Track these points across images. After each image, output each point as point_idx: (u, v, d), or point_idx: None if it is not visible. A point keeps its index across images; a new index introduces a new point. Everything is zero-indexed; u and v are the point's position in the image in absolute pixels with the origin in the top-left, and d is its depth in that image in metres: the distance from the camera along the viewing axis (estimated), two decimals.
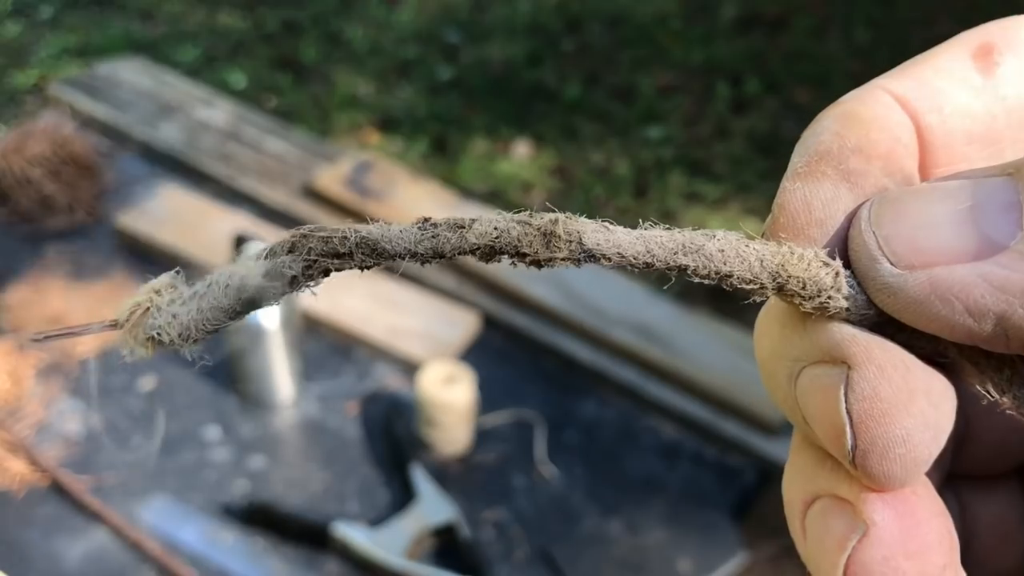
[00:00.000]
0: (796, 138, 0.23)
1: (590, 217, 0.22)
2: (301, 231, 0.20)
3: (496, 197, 2.36)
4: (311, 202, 1.45)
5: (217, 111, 1.66)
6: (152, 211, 1.38)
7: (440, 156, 2.54)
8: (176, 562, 0.96)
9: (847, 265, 0.21)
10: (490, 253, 0.21)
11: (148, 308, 0.21)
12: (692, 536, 1.07)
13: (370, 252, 0.20)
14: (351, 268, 0.21)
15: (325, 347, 1.23)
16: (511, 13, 3.18)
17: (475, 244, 0.20)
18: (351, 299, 1.27)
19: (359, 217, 1.41)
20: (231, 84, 2.72)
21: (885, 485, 0.20)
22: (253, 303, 0.20)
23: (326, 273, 0.21)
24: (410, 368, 1.19)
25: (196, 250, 1.31)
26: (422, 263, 0.21)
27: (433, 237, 0.21)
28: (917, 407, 0.19)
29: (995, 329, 0.19)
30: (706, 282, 0.21)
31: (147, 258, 1.33)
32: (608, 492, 1.11)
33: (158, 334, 0.20)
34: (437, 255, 0.21)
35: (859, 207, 0.21)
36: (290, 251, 0.20)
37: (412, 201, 1.43)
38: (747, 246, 0.21)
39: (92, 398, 1.13)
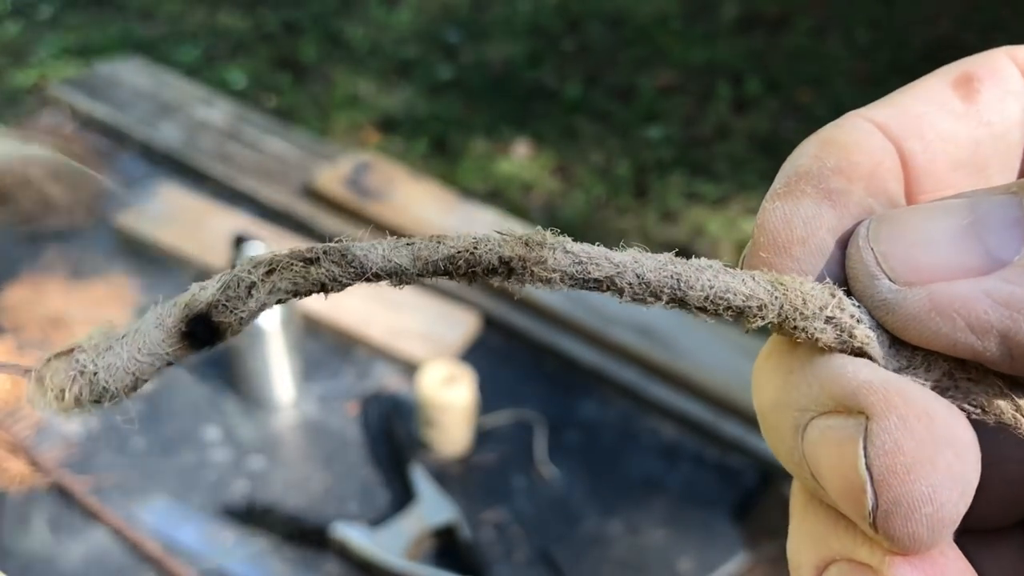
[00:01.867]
0: (797, 138, 0.23)
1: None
2: (269, 257, 0.19)
3: (496, 197, 2.36)
4: (311, 202, 1.45)
5: (217, 111, 1.66)
6: (152, 211, 1.38)
7: (440, 156, 2.53)
8: (176, 562, 0.95)
9: (846, 289, 0.20)
10: (471, 263, 0.19)
11: (72, 349, 0.17)
12: (692, 536, 1.07)
13: (340, 259, 0.18)
14: (320, 280, 0.18)
15: (325, 347, 1.23)
16: (511, 13, 3.18)
17: (454, 249, 0.19)
18: (351, 299, 1.27)
19: (358, 217, 1.41)
20: (231, 84, 2.72)
21: (910, 549, 0.18)
22: (204, 322, 0.17)
23: (294, 287, 0.18)
24: (410, 368, 1.19)
25: (196, 250, 1.31)
26: (398, 281, 0.19)
27: (408, 245, 0.19)
28: (943, 460, 0.17)
29: (999, 348, 0.18)
30: (702, 311, 0.19)
31: (146, 258, 1.33)
32: (608, 492, 1.10)
33: (82, 368, 0.17)
34: (414, 263, 0.19)
35: (856, 225, 0.20)
36: (253, 264, 0.18)
37: (412, 201, 1.43)
38: (732, 268, 0.20)
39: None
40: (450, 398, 1.06)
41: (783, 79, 2.86)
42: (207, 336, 0.17)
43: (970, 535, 0.24)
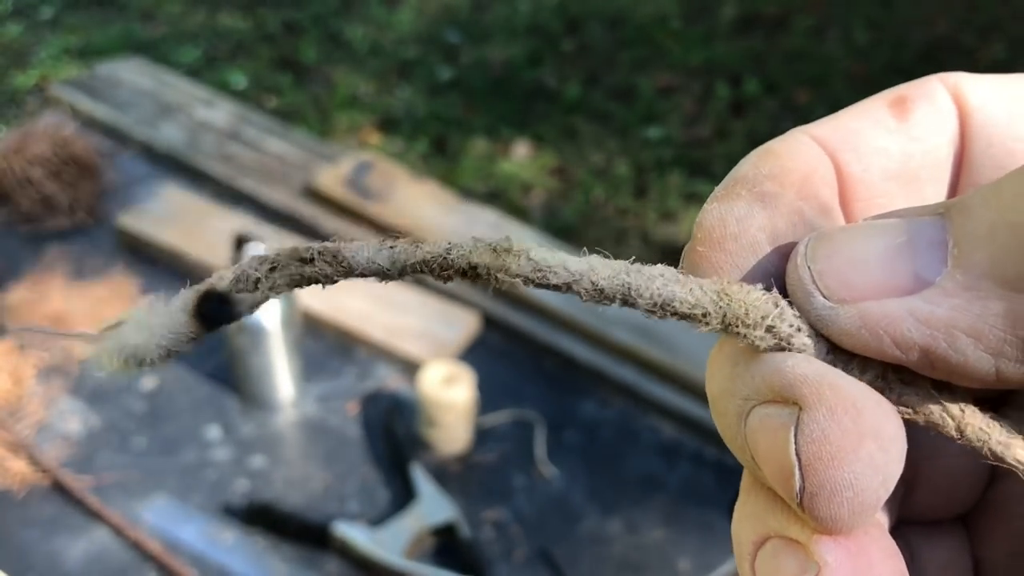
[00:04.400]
0: None
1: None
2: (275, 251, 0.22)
3: (496, 197, 2.37)
4: (311, 202, 1.46)
5: (217, 111, 1.66)
6: (153, 211, 1.39)
7: (440, 156, 2.54)
8: (176, 562, 0.96)
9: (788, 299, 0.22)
10: (444, 266, 0.21)
11: (121, 322, 0.21)
12: (692, 535, 1.07)
13: (331, 259, 0.21)
14: (315, 276, 0.22)
15: (325, 347, 1.23)
16: (511, 13, 3.18)
17: (429, 254, 0.21)
18: (351, 299, 1.27)
19: (359, 217, 1.42)
20: (232, 84, 2.72)
21: (832, 529, 0.20)
22: (219, 305, 0.21)
23: (292, 282, 0.21)
24: (410, 368, 1.19)
25: (196, 250, 1.32)
26: (381, 278, 0.22)
27: (391, 248, 0.22)
28: (866, 451, 0.19)
29: (922, 360, 0.20)
30: (651, 314, 0.22)
31: (147, 258, 1.33)
32: (608, 492, 1.11)
33: (124, 344, 0.21)
34: (394, 264, 0.22)
35: (797, 244, 0.22)
36: (259, 262, 0.21)
37: (412, 201, 1.44)
38: (685, 275, 0.22)
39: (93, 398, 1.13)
40: (450, 397, 1.07)
41: (782, 80, 2.87)
42: (222, 317, 0.21)
43: (912, 526, 0.26)
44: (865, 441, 0.19)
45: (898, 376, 0.21)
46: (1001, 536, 0.26)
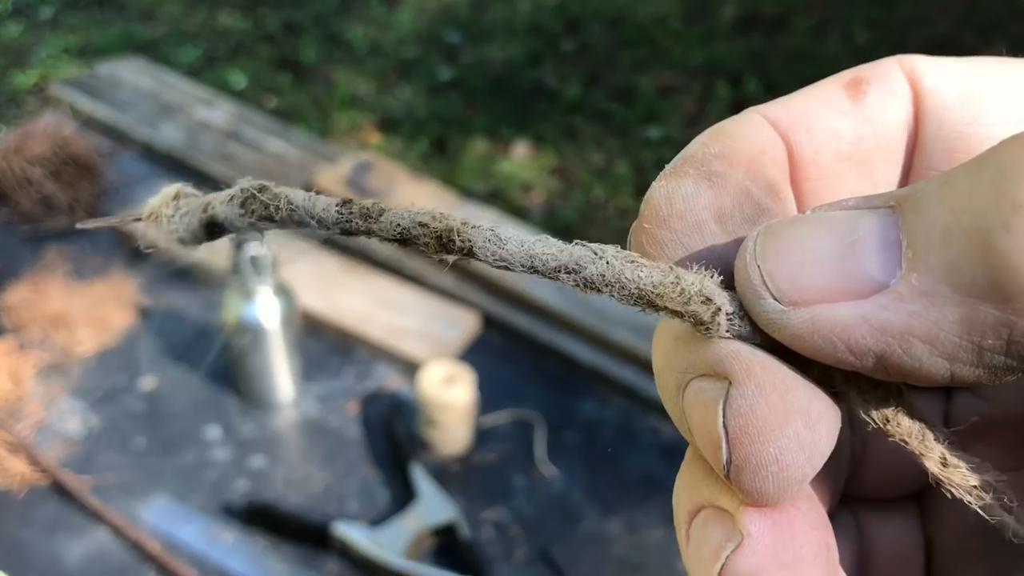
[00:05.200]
0: None
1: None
2: (253, 188, 0.25)
3: (496, 197, 2.36)
4: None
5: (217, 111, 1.66)
6: None
7: (440, 156, 2.54)
8: (176, 562, 0.96)
9: (733, 287, 0.21)
10: (399, 239, 0.23)
11: (159, 216, 0.26)
12: None
13: (298, 221, 0.24)
14: (282, 227, 0.24)
15: (325, 347, 1.23)
16: (511, 13, 3.18)
17: (379, 235, 0.23)
18: (351, 299, 1.27)
19: None
20: (231, 84, 2.72)
21: (758, 501, 0.20)
22: (220, 225, 0.26)
23: (265, 220, 0.25)
24: (410, 368, 1.19)
25: (196, 250, 1.31)
26: (345, 235, 0.24)
27: (347, 221, 0.23)
28: (792, 428, 0.19)
29: (876, 365, 0.19)
30: (590, 293, 0.22)
31: (147, 258, 1.33)
32: (608, 492, 1.11)
33: (166, 227, 0.26)
34: (347, 234, 0.23)
35: (746, 239, 0.21)
36: (241, 204, 0.25)
37: (412, 201, 1.44)
38: (632, 271, 0.21)
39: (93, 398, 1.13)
40: (450, 398, 1.07)
41: (782, 79, 2.87)
42: (222, 234, 0.26)
43: (863, 502, 0.27)
44: (792, 418, 0.19)
45: (832, 388, 0.21)
46: (951, 518, 0.26)
